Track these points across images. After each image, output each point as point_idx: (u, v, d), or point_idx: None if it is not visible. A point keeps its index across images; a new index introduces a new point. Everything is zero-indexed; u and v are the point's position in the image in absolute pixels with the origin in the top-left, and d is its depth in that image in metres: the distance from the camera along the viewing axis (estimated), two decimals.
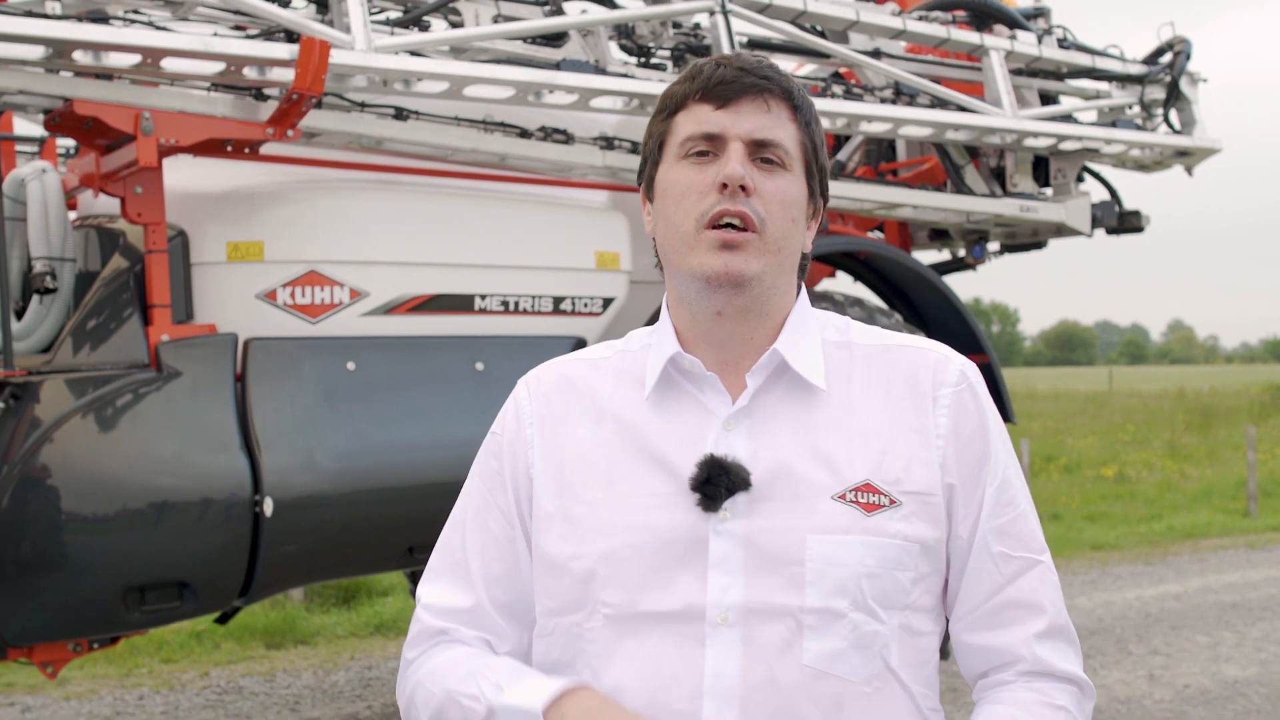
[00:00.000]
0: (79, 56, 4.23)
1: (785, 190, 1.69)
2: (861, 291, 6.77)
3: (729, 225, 1.65)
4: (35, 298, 4.87)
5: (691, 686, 1.62)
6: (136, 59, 4.29)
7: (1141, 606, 9.25)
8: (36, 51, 4.17)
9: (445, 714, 1.71)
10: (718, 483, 1.64)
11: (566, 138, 5.40)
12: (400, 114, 4.99)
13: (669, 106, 1.74)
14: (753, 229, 1.65)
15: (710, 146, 1.68)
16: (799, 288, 1.78)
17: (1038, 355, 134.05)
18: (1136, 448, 21.55)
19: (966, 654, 1.78)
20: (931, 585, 1.71)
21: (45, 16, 4.19)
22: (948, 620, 1.79)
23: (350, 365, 4.91)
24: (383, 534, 4.94)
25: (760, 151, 1.68)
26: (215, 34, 4.60)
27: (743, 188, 1.65)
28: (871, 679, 1.64)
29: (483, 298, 5.26)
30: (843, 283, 6.98)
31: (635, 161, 5.53)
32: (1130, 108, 7.05)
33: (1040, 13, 6.96)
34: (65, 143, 5.97)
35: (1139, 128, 7.00)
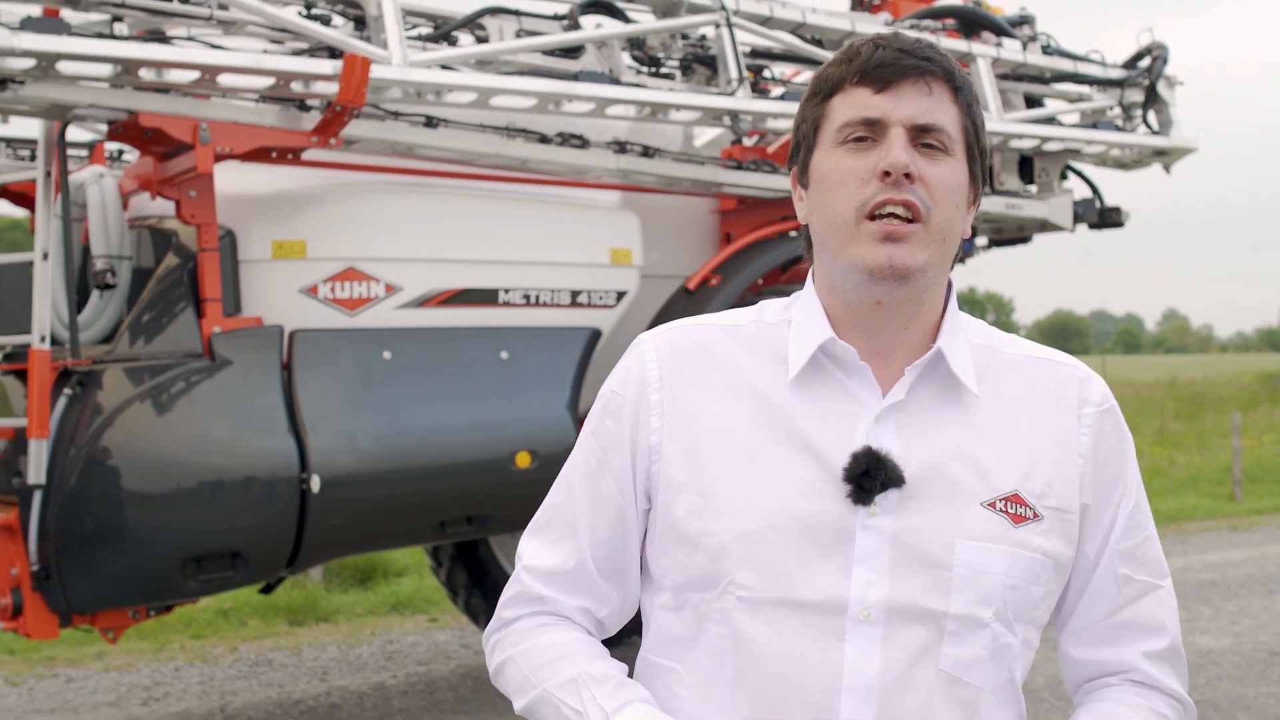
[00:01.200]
0: (144, 73, 4.64)
1: (949, 176, 1.62)
2: None
3: (892, 215, 1.60)
4: (95, 292, 5.28)
5: (829, 681, 1.59)
6: (196, 75, 4.70)
7: None
8: (106, 69, 4.58)
9: (539, 711, 1.70)
10: (874, 476, 1.59)
11: (582, 142, 5.82)
12: (430, 122, 5.41)
13: (824, 89, 1.67)
14: (918, 218, 1.60)
15: (870, 132, 1.61)
16: (950, 284, 1.74)
17: None
18: None
19: (1074, 666, 1.78)
20: (1052, 603, 1.71)
21: (114, 38, 4.60)
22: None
23: (386, 354, 5.33)
24: (417, 509, 5.37)
25: (922, 136, 1.61)
26: (265, 51, 5.00)
27: (907, 175, 1.59)
28: (998, 689, 1.63)
29: (506, 291, 5.68)
30: None
31: (645, 164, 5.97)
32: (1110, 110, 7.46)
33: (1025, 20, 7.37)
34: (110, 146, 6.38)
35: (1118, 129, 7.42)
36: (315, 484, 4.99)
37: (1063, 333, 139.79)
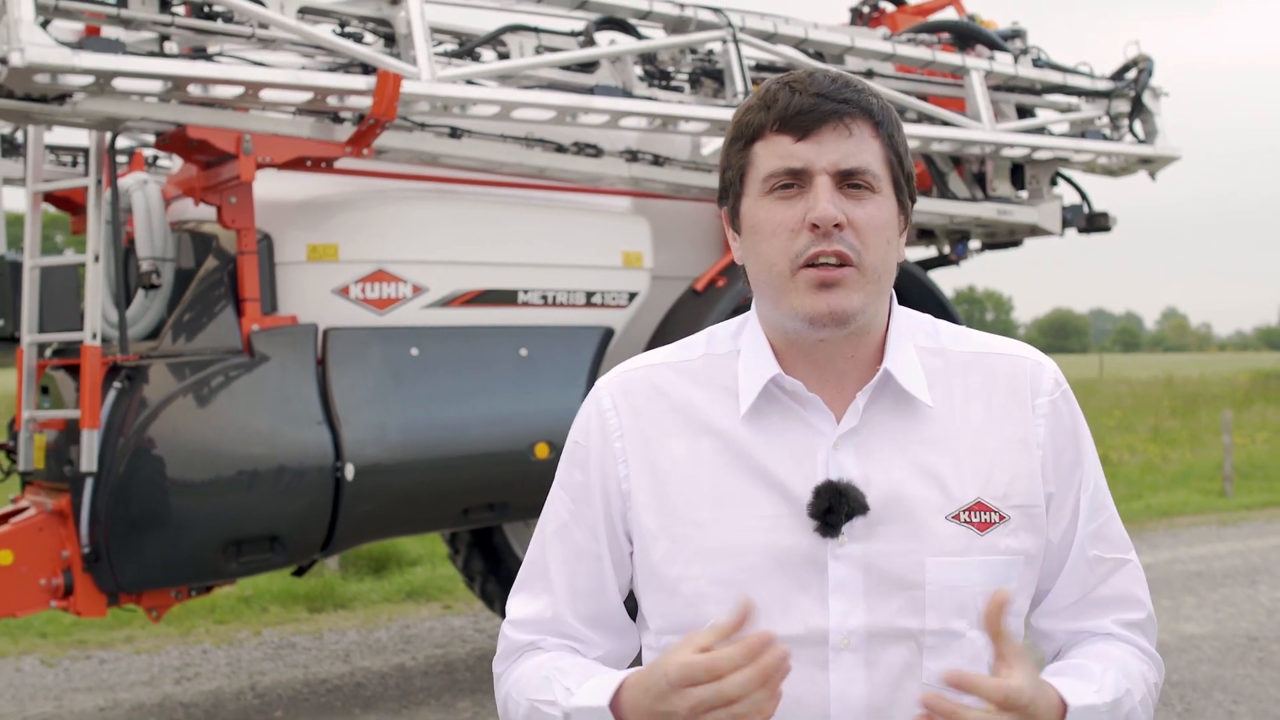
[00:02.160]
0: (193, 89, 4.99)
1: (876, 215, 1.64)
2: None
3: (825, 264, 1.62)
4: (140, 292, 5.63)
5: (816, 710, 1.62)
6: (240, 90, 5.05)
7: None
8: (157, 85, 4.92)
9: None
10: (838, 510, 1.62)
11: (597, 151, 6.17)
12: (455, 133, 5.76)
13: (745, 135, 1.68)
14: (850, 264, 1.62)
15: (796, 179, 1.63)
16: (891, 298, 1.76)
17: (1031, 343, 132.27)
18: (1122, 432, 22.28)
19: (1050, 638, 1.82)
20: (1030, 592, 1.74)
21: (165, 56, 4.94)
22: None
23: (414, 351, 5.68)
24: (442, 496, 5.72)
25: (848, 179, 1.63)
26: (303, 68, 5.35)
27: (836, 225, 1.60)
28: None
29: (525, 292, 6.03)
30: None
31: (656, 172, 6.32)
32: (1098, 119, 7.80)
33: (1017, 34, 7.71)
34: (147, 152, 6.72)
35: (1106, 138, 7.76)
36: (349, 472, 5.34)
37: (1061, 331, 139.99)
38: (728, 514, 1.66)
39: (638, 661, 1.78)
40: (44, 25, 4.68)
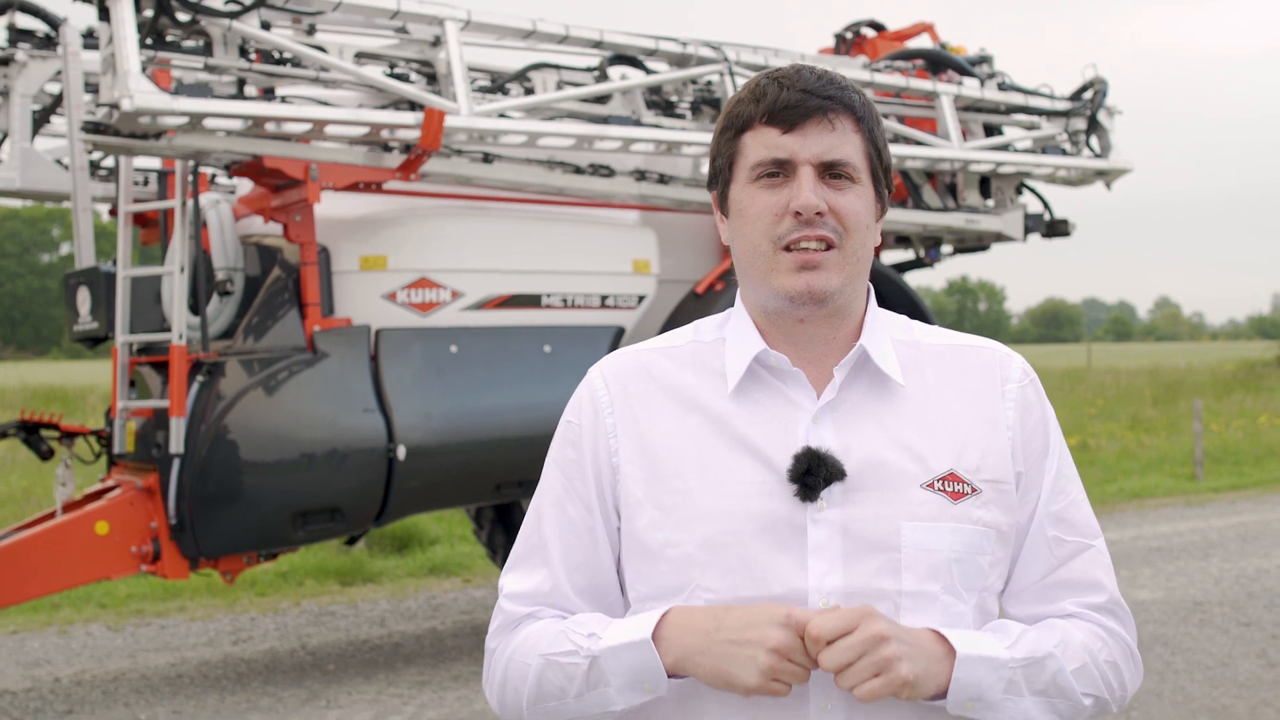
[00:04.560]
0: (268, 125, 5.84)
1: (856, 204, 1.73)
2: None
3: (806, 248, 1.71)
4: (215, 297, 6.48)
5: None
6: (309, 126, 5.90)
7: None
8: (238, 123, 5.77)
9: (544, 681, 1.74)
10: (816, 473, 1.68)
11: (609, 172, 7.03)
12: (487, 158, 6.62)
13: (735, 125, 1.76)
14: (832, 247, 1.71)
15: (781, 169, 1.71)
16: (868, 288, 1.84)
17: (1024, 333, 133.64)
18: (1102, 420, 23.06)
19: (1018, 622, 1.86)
20: (1002, 570, 1.79)
21: (245, 98, 5.81)
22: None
23: (453, 348, 6.55)
24: (479, 474, 6.60)
25: (830, 169, 1.72)
26: (360, 105, 6.20)
27: (818, 213, 1.70)
28: None
29: (548, 296, 6.90)
30: None
31: (661, 189, 7.19)
32: (1058, 136, 8.67)
33: (984, 59, 8.58)
34: (206, 171, 7.56)
35: (1065, 153, 8.63)
36: (401, 453, 6.21)
37: (1054, 321, 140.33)
38: (712, 482, 1.73)
39: None
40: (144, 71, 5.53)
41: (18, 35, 6.82)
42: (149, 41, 5.59)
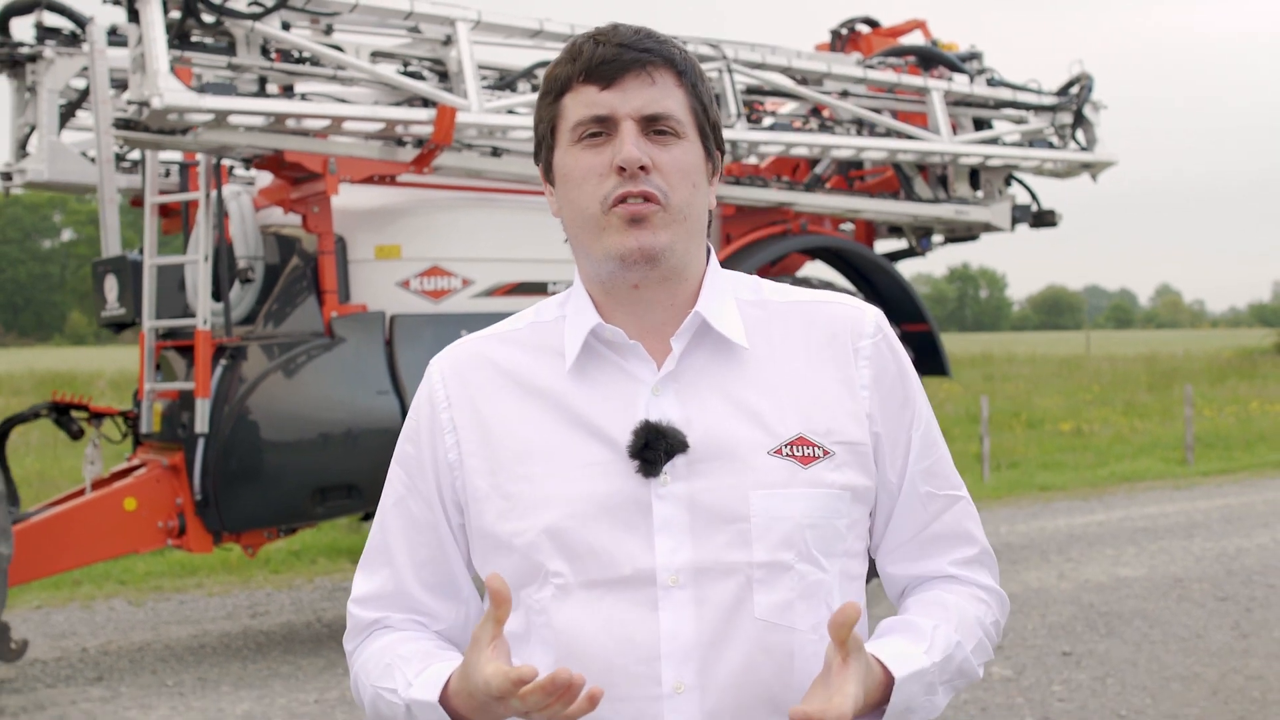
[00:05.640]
0: (289, 121, 6.16)
1: (681, 159, 1.68)
2: (833, 276, 8.73)
3: (633, 202, 1.66)
4: (238, 284, 6.81)
5: (647, 650, 1.63)
6: (328, 122, 6.22)
7: (1069, 530, 11.24)
8: (261, 120, 6.09)
9: (378, 709, 1.73)
10: (656, 447, 1.65)
11: None
12: (495, 152, 6.93)
13: (554, 89, 1.71)
14: (657, 203, 1.65)
15: (603, 128, 1.67)
16: (708, 250, 1.79)
17: (1025, 320, 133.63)
18: (1097, 406, 23.35)
19: (892, 582, 1.86)
20: (862, 530, 1.76)
21: (268, 96, 6.12)
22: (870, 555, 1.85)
23: (463, 333, 6.83)
24: None
25: (653, 125, 1.67)
26: (376, 102, 6.52)
27: (641, 168, 1.64)
28: (817, 626, 1.66)
29: (554, 284, 7.22)
30: (820, 269, 8.93)
31: None
32: (1045, 130, 8.98)
33: (974, 55, 8.89)
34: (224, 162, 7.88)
35: (1051, 146, 8.94)
36: None
37: (1055, 308, 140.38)
38: (555, 466, 1.69)
39: None
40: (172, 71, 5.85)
41: (45, 33, 7.13)
42: (175, 41, 5.90)
